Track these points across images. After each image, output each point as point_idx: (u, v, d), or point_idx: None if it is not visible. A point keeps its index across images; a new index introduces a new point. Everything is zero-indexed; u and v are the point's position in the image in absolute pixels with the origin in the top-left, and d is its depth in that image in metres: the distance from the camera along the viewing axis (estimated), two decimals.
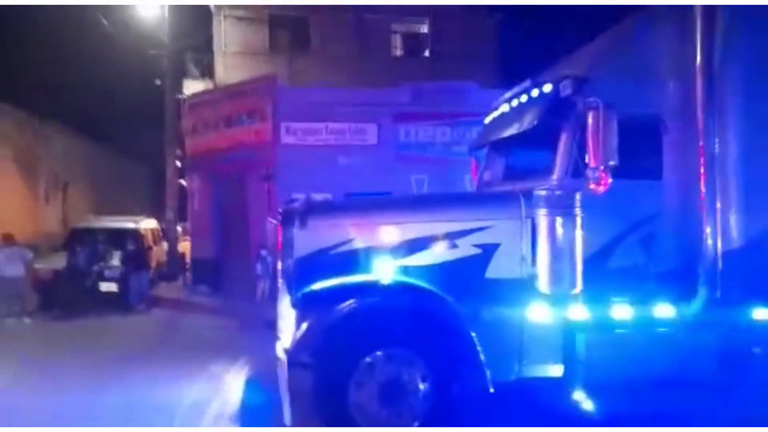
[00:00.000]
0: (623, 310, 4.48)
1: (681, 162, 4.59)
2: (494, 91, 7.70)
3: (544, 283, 4.39)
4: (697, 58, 4.47)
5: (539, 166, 4.91)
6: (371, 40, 19.30)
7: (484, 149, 6.28)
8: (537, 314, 4.42)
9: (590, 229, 4.39)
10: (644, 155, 4.58)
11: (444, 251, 4.53)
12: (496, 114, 5.87)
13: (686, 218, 4.53)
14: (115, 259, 11.36)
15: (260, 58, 18.76)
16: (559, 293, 4.37)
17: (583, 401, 4.38)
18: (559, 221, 4.35)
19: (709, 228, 4.44)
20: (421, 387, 4.33)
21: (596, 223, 4.42)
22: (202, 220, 14.37)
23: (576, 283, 4.37)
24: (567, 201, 4.37)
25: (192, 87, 18.02)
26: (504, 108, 5.64)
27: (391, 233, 4.62)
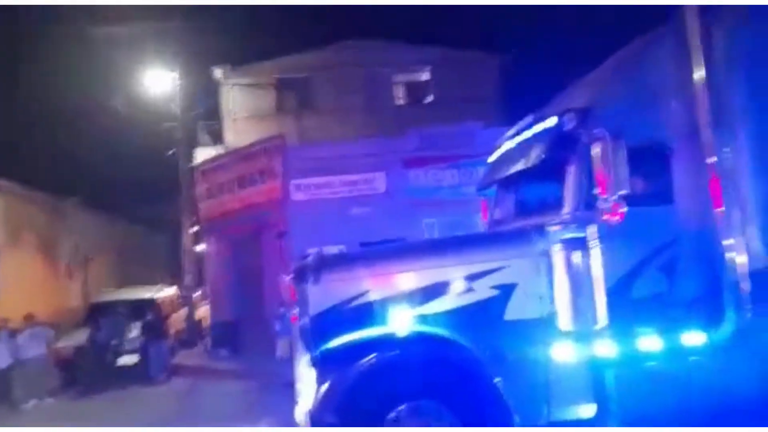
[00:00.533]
0: (651, 342, 4.30)
1: (691, 183, 4.49)
2: (498, 130, 7.73)
3: (565, 320, 4.25)
4: (699, 77, 4.43)
5: (550, 200, 4.85)
6: (375, 92, 19.73)
7: (493, 188, 6.24)
8: (562, 354, 4.25)
9: (608, 260, 4.27)
10: (654, 180, 4.51)
11: (460, 296, 4.43)
12: (501, 152, 5.85)
13: (704, 240, 4.39)
14: (134, 331, 11.37)
15: (268, 119, 19.21)
16: (582, 330, 4.23)
17: None
18: (575, 255, 4.25)
19: (730, 250, 4.29)
20: None
21: (614, 255, 4.30)
22: (220, 283, 14.42)
23: (599, 318, 4.22)
24: (582, 234, 4.27)
25: (203, 154, 18.42)
26: (508, 145, 5.62)
27: (406, 281, 4.55)
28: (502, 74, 20.31)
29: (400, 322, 4.42)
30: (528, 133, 5.17)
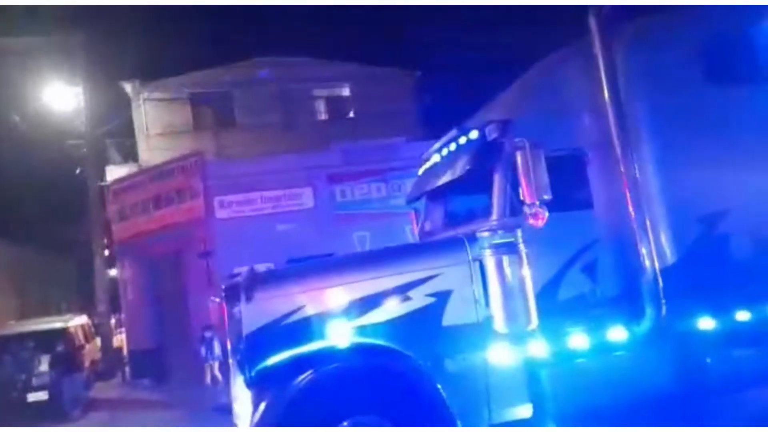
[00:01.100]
0: (580, 340, 4.53)
1: (607, 190, 4.82)
2: (421, 144, 7.92)
3: (500, 323, 4.38)
4: (605, 92, 4.77)
5: (477, 208, 5.01)
6: (294, 107, 19.59)
7: (422, 200, 6.37)
8: (498, 356, 4.37)
9: (536, 264, 4.47)
10: (573, 187, 4.78)
11: (397, 305, 4.45)
12: (428, 164, 5.99)
13: (621, 242, 4.71)
14: (44, 365, 10.49)
15: (184, 136, 18.55)
16: (517, 331, 4.37)
17: None
18: (505, 260, 4.40)
19: (643, 249, 4.62)
20: None
21: (541, 258, 4.51)
22: (138, 309, 13.67)
23: (531, 319, 4.39)
24: (510, 239, 4.44)
25: (115, 172, 17.48)
26: (435, 158, 5.77)
27: (341, 295, 4.51)
28: (418, 90, 20.84)
29: (338, 335, 4.37)
30: (453, 146, 5.33)
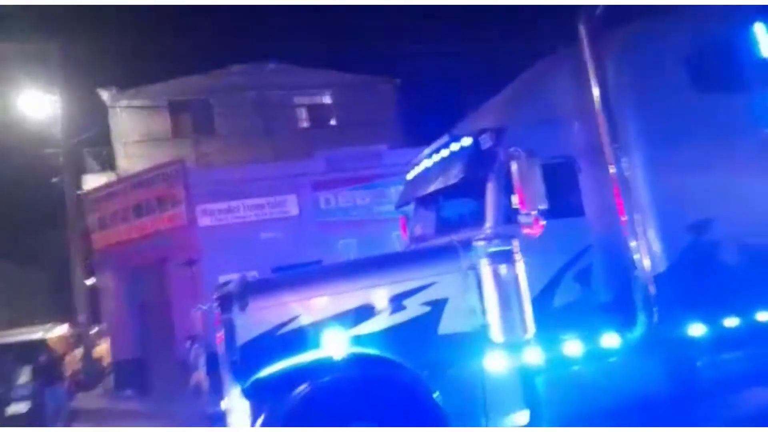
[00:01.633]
0: (574, 347, 4.58)
1: (598, 197, 4.89)
2: (404, 151, 7.95)
3: (497, 331, 4.40)
4: (595, 100, 4.84)
5: (470, 216, 5.04)
6: (276, 114, 19.49)
7: (411, 204, 6.37)
8: (495, 364, 4.39)
9: (531, 272, 4.51)
10: (566, 195, 4.84)
11: (393, 314, 4.45)
12: (419, 170, 6.00)
13: (613, 249, 4.77)
14: (24, 376, 10.21)
15: (163, 144, 18.31)
16: (513, 340, 4.40)
17: None
18: (502, 269, 4.42)
19: (635, 256, 4.69)
20: None
21: (536, 266, 4.55)
22: (120, 318, 13.41)
23: (527, 328, 4.42)
24: (505, 248, 4.47)
25: (93, 181, 17.15)
26: (426, 163, 5.78)
27: (337, 304, 4.49)
28: (399, 98, 20.92)
29: (334, 345, 4.35)
30: (445, 152, 5.35)
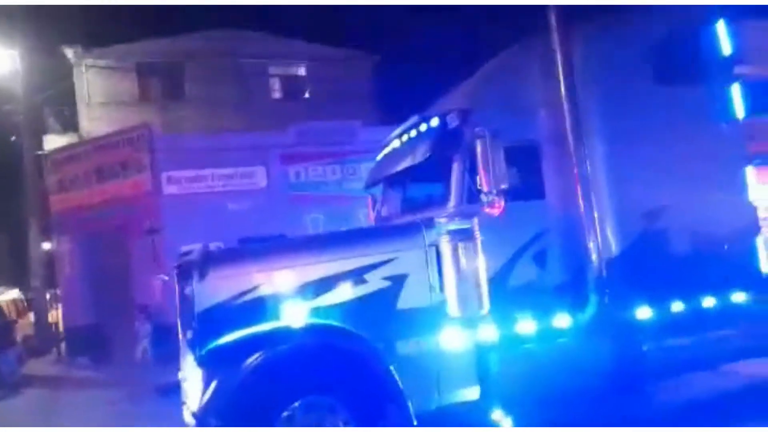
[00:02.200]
0: (527, 325, 4.70)
1: (559, 183, 4.99)
2: (378, 129, 7.93)
3: (453, 307, 4.49)
4: (562, 88, 4.92)
5: (435, 195, 5.08)
6: (249, 83, 19.13)
7: (379, 185, 6.39)
8: (450, 339, 4.48)
9: (490, 251, 4.60)
10: (528, 178, 4.92)
11: (353, 288, 4.48)
12: (388, 150, 6.01)
13: (571, 233, 4.89)
14: None
15: (129, 108, 17.83)
16: (469, 316, 4.49)
17: (501, 419, 4.47)
18: (461, 246, 4.50)
19: (590, 240, 4.83)
20: None
21: (495, 246, 4.64)
22: (76, 285, 13.14)
23: (483, 305, 4.52)
24: (466, 226, 4.54)
25: (54, 142, 16.62)
26: (395, 144, 5.80)
27: (297, 276, 4.49)
28: (377, 74, 20.76)
29: (293, 316, 4.36)
30: (414, 132, 5.37)
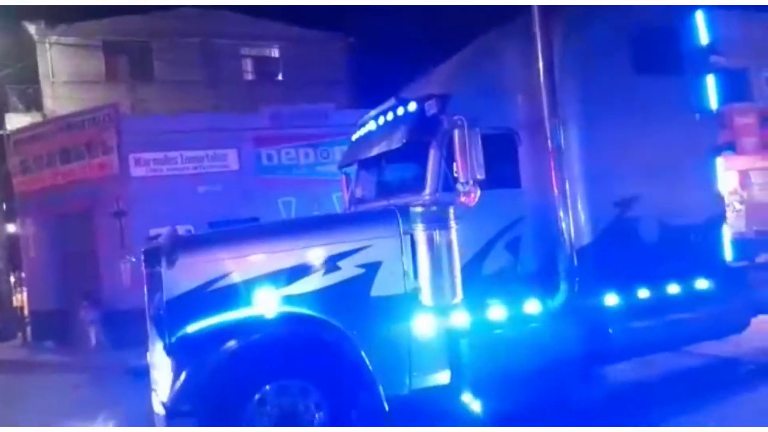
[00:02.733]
0: (499, 312, 4.75)
1: (535, 171, 5.01)
2: (351, 112, 7.85)
3: (427, 295, 4.49)
4: (540, 75, 4.90)
5: (411, 182, 5.06)
6: (220, 64, 18.72)
7: (354, 166, 6.33)
8: (423, 326, 4.50)
9: (464, 239, 4.61)
10: (505, 166, 4.92)
11: (326, 275, 4.45)
12: (364, 132, 5.94)
13: (545, 221, 4.93)
14: None
15: (96, 87, 17.30)
16: (442, 303, 4.51)
17: (471, 403, 4.52)
18: (436, 235, 4.49)
19: (563, 229, 4.86)
20: (316, 416, 4.19)
21: (469, 234, 4.65)
22: (41, 268, 12.79)
23: (456, 293, 4.54)
24: (442, 215, 4.53)
25: (16, 121, 16.04)
26: (371, 126, 5.73)
27: (270, 263, 4.44)
28: (351, 57, 20.52)
29: (265, 303, 4.31)
30: (391, 116, 5.31)
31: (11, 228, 15.21)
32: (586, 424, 4.52)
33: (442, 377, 4.58)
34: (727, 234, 5.61)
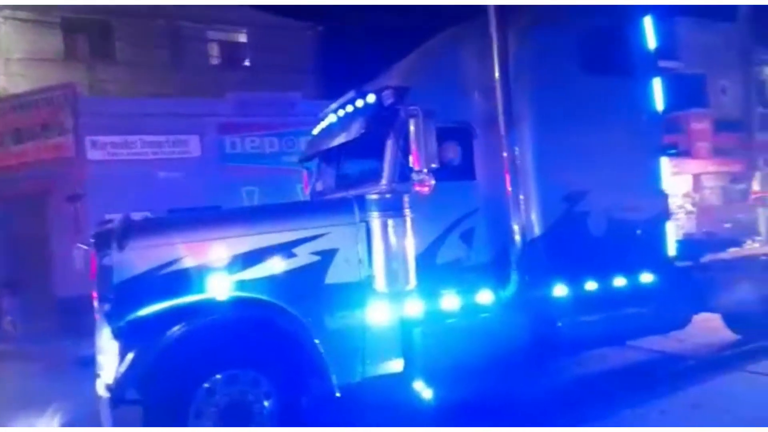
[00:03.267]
0: (452, 301, 4.84)
1: (489, 164, 5.11)
2: (319, 102, 7.82)
3: (381, 283, 4.55)
4: (496, 72, 5.00)
5: (368, 172, 5.09)
6: (185, 47, 18.30)
7: (315, 159, 6.33)
8: (376, 314, 4.56)
9: (419, 228, 4.67)
10: (460, 159, 5.00)
11: (282, 262, 4.45)
12: (324, 124, 5.96)
13: (498, 213, 5.04)
14: None
15: (53, 65, 16.67)
16: (396, 291, 4.56)
17: (422, 391, 4.60)
18: (391, 223, 4.55)
19: (515, 221, 5.00)
20: (266, 404, 4.21)
21: (424, 223, 4.72)
22: None
23: (410, 280, 4.60)
24: (397, 203, 4.59)
25: None
26: (331, 118, 5.75)
27: (224, 248, 4.40)
28: (320, 47, 20.35)
29: (217, 289, 4.29)
30: (350, 108, 5.34)
31: None
32: (531, 416, 4.65)
33: (395, 365, 4.65)
34: (673, 232, 5.83)
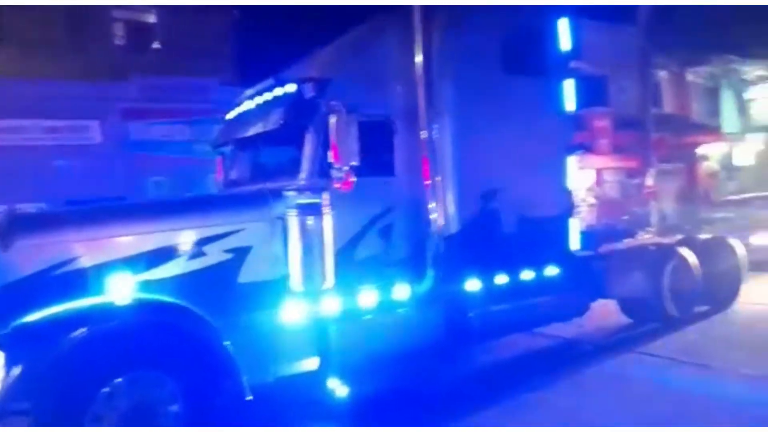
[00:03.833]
0: (368, 297, 4.82)
1: (409, 160, 5.12)
2: (235, 89, 7.50)
3: (297, 281, 4.44)
4: (417, 68, 5.00)
5: (286, 165, 4.95)
6: (87, 27, 16.95)
7: (228, 147, 6.06)
8: (291, 313, 4.44)
9: (337, 225, 4.59)
10: (380, 154, 4.97)
11: (191, 261, 4.23)
12: (240, 111, 5.73)
13: (416, 210, 5.07)
14: None
15: None
16: (312, 290, 4.47)
17: (337, 388, 4.54)
18: (308, 220, 4.44)
19: (432, 218, 5.05)
20: (171, 408, 3.99)
21: (342, 220, 4.64)
22: None
23: (328, 279, 4.52)
24: (315, 200, 4.48)
25: None
26: (248, 105, 5.53)
27: (127, 246, 4.13)
28: (235, 30, 19.55)
29: (120, 291, 3.99)
30: (269, 96, 5.16)
31: None
32: (446, 406, 4.74)
33: (310, 363, 4.56)
34: (575, 226, 6.14)
